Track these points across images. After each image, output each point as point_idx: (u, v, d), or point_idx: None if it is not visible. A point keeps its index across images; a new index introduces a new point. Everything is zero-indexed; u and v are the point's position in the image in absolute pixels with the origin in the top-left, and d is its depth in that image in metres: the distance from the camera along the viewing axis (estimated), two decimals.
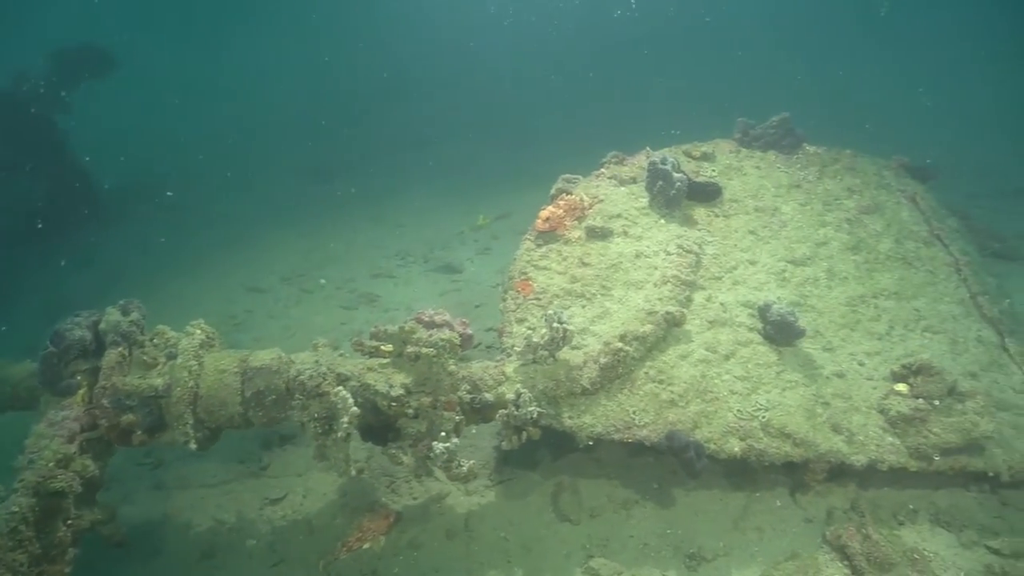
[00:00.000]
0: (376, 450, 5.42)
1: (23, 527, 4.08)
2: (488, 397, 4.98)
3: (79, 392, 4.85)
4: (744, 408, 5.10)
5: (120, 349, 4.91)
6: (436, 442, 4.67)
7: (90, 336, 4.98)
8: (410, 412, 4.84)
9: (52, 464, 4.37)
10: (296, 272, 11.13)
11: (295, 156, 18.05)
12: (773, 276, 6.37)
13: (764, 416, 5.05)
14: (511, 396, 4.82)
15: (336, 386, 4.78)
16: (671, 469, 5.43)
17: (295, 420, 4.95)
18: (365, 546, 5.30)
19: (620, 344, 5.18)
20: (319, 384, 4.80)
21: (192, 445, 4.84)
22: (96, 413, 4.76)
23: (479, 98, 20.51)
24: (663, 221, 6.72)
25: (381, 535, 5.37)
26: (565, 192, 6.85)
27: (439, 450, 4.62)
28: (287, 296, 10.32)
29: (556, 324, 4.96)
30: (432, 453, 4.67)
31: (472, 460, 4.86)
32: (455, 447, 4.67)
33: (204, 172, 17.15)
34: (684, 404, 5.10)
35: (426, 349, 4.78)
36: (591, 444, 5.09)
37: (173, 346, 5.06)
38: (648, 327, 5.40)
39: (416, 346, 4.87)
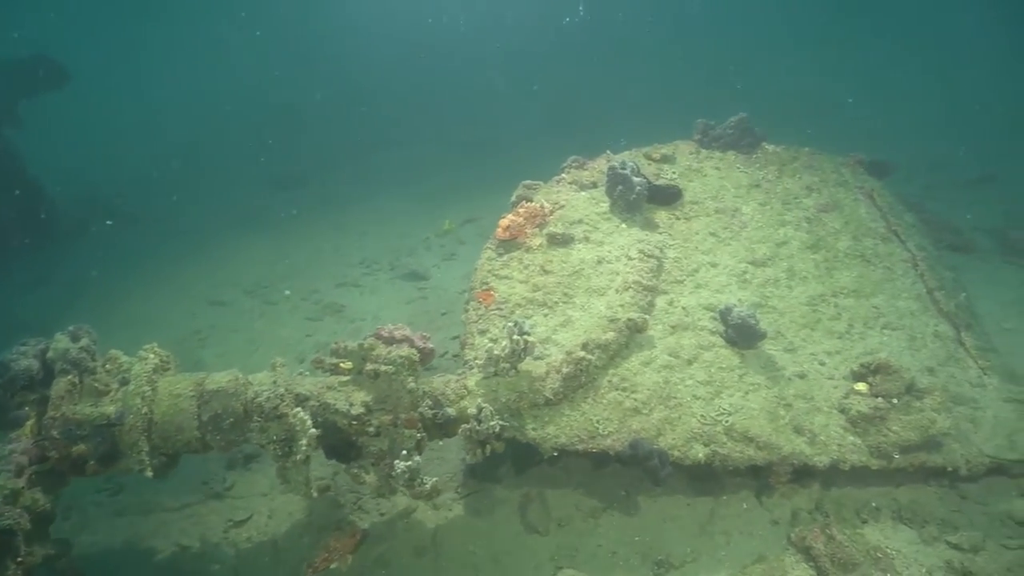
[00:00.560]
0: (342, 466, 5.35)
1: None
2: (450, 412, 4.93)
3: (27, 423, 4.69)
4: (708, 413, 5.12)
5: (70, 377, 4.76)
6: (398, 461, 4.60)
7: (37, 365, 4.83)
8: (371, 430, 4.77)
9: None
10: (260, 284, 10.96)
11: (257, 166, 17.76)
12: (734, 278, 6.41)
13: (727, 420, 5.07)
14: (473, 411, 4.77)
15: (295, 407, 4.69)
16: (638, 476, 5.41)
17: (254, 443, 4.85)
18: (332, 566, 5.20)
19: (582, 353, 5.17)
20: (277, 406, 4.71)
21: (148, 473, 4.71)
22: (46, 445, 4.61)
23: (439, 102, 20.40)
24: (624, 226, 6.73)
25: (348, 554, 5.28)
26: (526, 199, 6.83)
27: (401, 469, 4.55)
28: (251, 309, 10.15)
29: (517, 336, 4.92)
30: (394, 472, 4.60)
31: (436, 477, 4.80)
32: (417, 465, 4.61)
33: (164, 185, 16.81)
34: (648, 411, 5.10)
35: (385, 367, 4.72)
36: (556, 455, 5.06)
37: (126, 372, 4.92)
38: (610, 334, 5.39)
39: (375, 363, 4.80)
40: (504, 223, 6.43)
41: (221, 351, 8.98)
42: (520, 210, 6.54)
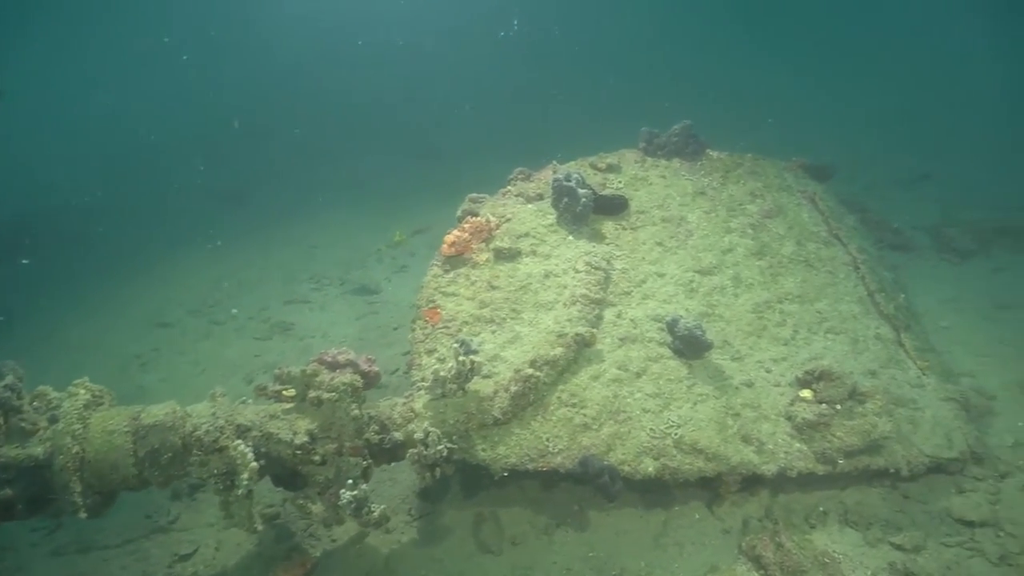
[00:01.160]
0: (291, 494, 5.21)
1: None
2: (397, 436, 4.85)
3: None
4: (657, 426, 5.13)
5: None
6: (344, 490, 4.50)
7: None
8: (316, 459, 4.66)
9: None
10: (205, 303, 10.68)
11: (197, 181, 17.20)
12: (681, 287, 6.45)
13: (677, 433, 5.09)
14: (420, 435, 4.69)
15: (235, 439, 4.55)
16: (591, 490, 5.40)
17: (194, 477, 4.69)
18: None
19: (530, 370, 5.14)
20: (217, 439, 4.57)
21: (82, 514, 4.51)
22: None
23: (388, 110, 20.19)
24: (571, 238, 6.72)
25: None
26: (471, 213, 6.77)
27: (347, 498, 4.45)
28: (196, 329, 9.88)
29: (463, 356, 4.86)
30: (341, 501, 4.50)
31: (384, 505, 4.71)
32: (364, 494, 4.51)
33: (103, 204, 16.23)
34: (598, 427, 5.09)
35: (328, 394, 4.61)
36: (507, 475, 5.01)
37: (55, 408, 4.71)
38: (558, 350, 5.37)
39: (318, 390, 4.69)
40: (449, 239, 6.37)
41: (165, 375, 8.72)
42: (465, 225, 6.48)
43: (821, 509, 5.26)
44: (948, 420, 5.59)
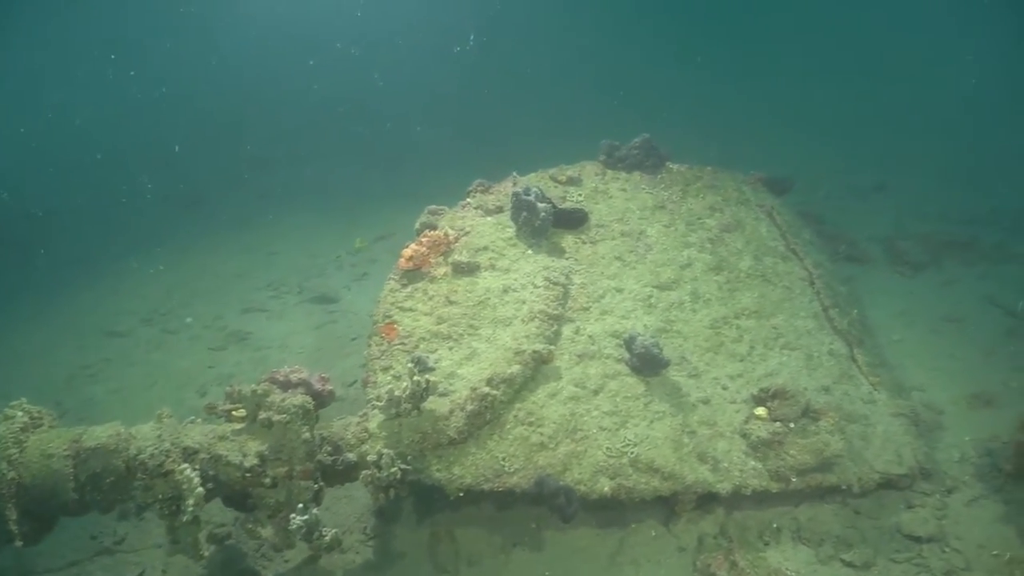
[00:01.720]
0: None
1: None
2: (351, 457, 4.76)
3: None
4: (613, 445, 5.12)
5: None
6: (294, 515, 4.40)
7: None
8: (267, 482, 4.55)
9: None
10: (158, 311, 10.38)
11: (151, 184, 16.62)
12: (640, 303, 6.46)
13: (633, 452, 5.09)
14: (373, 457, 4.61)
15: (182, 463, 4.42)
16: (547, 509, 5.38)
17: (139, 502, 4.54)
18: None
19: (487, 389, 5.09)
20: (162, 463, 4.42)
21: (18, 543, 4.34)
22: None
23: (346, 116, 19.92)
24: (530, 252, 6.69)
25: None
26: (430, 226, 6.69)
27: (298, 523, 4.35)
28: (148, 339, 9.60)
29: (417, 376, 4.79)
30: (291, 526, 4.40)
31: (335, 529, 4.63)
32: (315, 518, 4.42)
33: (54, 208, 15.65)
34: (554, 446, 5.06)
35: (279, 415, 4.50)
36: (462, 495, 4.96)
37: None
38: (516, 367, 5.33)
39: (269, 411, 4.57)
40: (407, 253, 6.28)
41: (115, 387, 8.46)
42: (423, 239, 6.40)
43: (775, 525, 5.31)
44: (898, 436, 5.70)
